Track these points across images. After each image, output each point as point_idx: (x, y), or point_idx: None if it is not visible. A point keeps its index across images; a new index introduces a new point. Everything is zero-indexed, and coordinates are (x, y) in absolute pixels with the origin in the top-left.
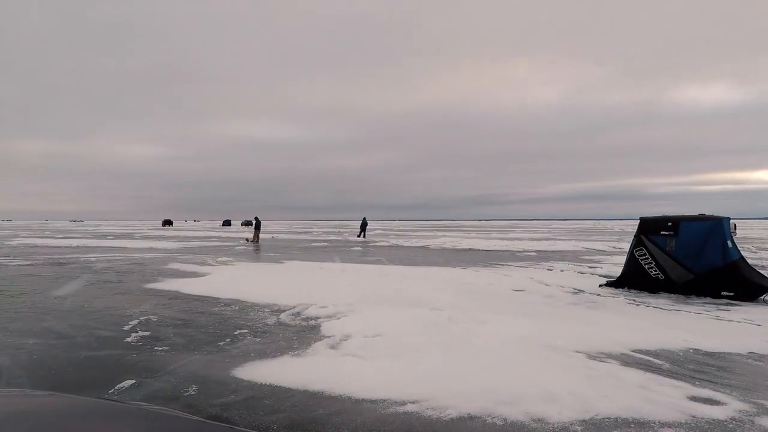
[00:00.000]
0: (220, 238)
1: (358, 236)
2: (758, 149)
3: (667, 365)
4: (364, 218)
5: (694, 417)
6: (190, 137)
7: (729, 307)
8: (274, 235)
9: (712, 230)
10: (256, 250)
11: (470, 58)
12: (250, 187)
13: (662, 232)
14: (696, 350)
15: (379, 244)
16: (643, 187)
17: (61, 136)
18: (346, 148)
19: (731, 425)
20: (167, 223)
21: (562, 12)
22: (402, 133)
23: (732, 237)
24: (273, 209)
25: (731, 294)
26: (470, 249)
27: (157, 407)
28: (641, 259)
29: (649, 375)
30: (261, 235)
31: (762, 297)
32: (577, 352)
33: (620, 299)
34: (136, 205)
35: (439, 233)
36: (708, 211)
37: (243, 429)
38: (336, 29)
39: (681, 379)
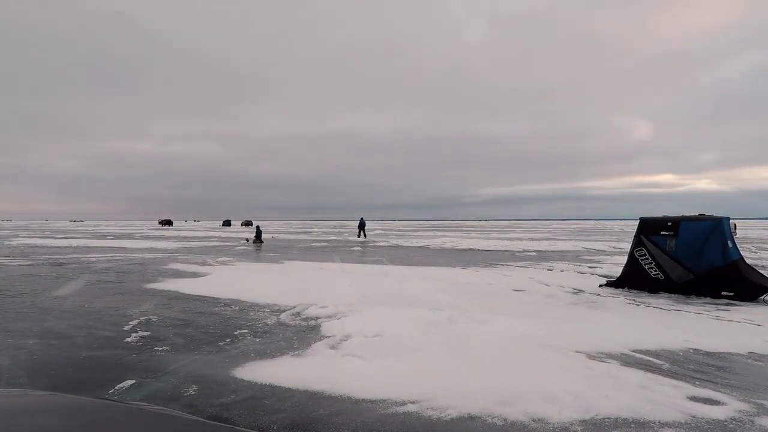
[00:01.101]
0: (220, 238)
1: (358, 236)
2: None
3: (667, 365)
4: (362, 218)
5: (694, 417)
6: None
7: (729, 307)
8: (275, 235)
9: (712, 230)
10: (257, 250)
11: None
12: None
13: (662, 233)
14: (696, 350)
15: (379, 244)
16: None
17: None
18: (250, 159)
19: (731, 425)
20: (167, 223)
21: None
22: (281, 149)
23: (732, 237)
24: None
25: (731, 294)
26: (470, 249)
27: (157, 407)
28: (641, 260)
29: (649, 375)
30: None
31: (762, 297)
32: (577, 352)
33: (620, 299)
34: (123, 205)
35: (439, 233)
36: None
37: (243, 429)
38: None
39: (681, 379)
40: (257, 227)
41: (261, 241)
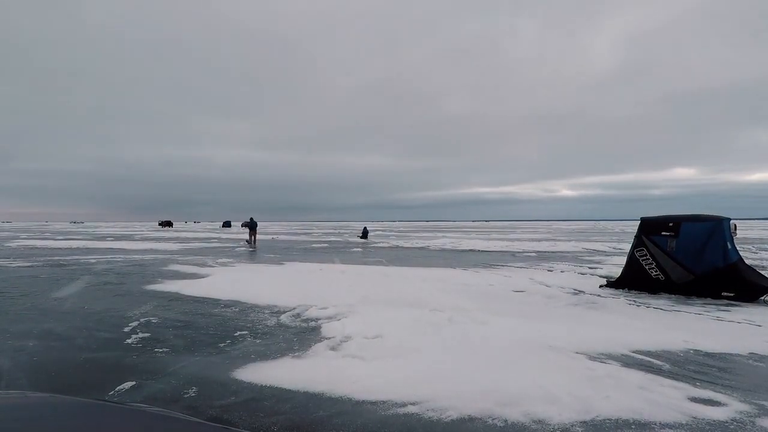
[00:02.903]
0: (220, 240)
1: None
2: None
3: (667, 366)
4: (365, 227)
5: (694, 418)
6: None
7: (729, 307)
8: (274, 237)
9: (713, 231)
10: (252, 250)
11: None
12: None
13: (663, 233)
14: (696, 351)
15: (379, 245)
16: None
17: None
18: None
19: (732, 426)
20: (166, 224)
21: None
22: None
23: (732, 238)
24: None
25: (732, 295)
26: (470, 250)
27: (157, 409)
28: (642, 260)
29: (649, 376)
30: (260, 237)
31: (762, 297)
32: (577, 353)
33: (620, 300)
34: (126, 205)
35: (440, 234)
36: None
37: (243, 431)
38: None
39: (681, 380)
40: (251, 218)
41: (254, 233)
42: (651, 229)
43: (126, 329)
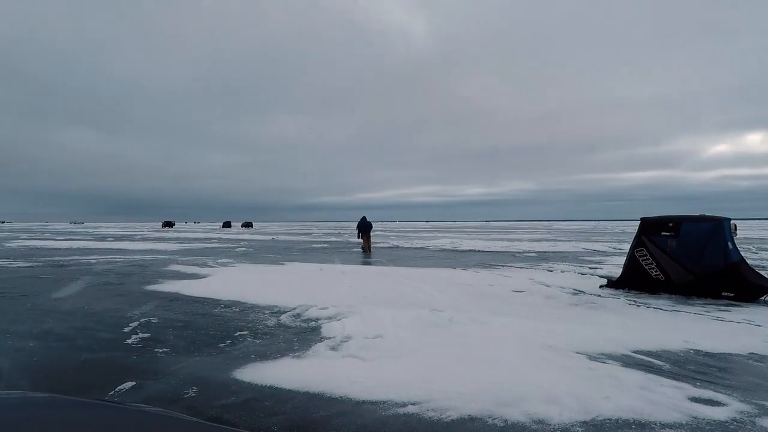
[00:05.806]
0: (220, 240)
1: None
2: None
3: (667, 366)
4: (363, 220)
5: (695, 418)
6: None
7: (730, 307)
8: (275, 237)
9: (714, 231)
10: (246, 251)
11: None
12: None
13: (663, 233)
14: (697, 351)
15: (379, 245)
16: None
17: None
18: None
19: (732, 426)
20: (168, 224)
21: None
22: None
23: (732, 238)
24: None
25: (732, 295)
26: (470, 250)
27: (157, 409)
28: (642, 260)
29: (649, 376)
30: (260, 237)
31: (763, 298)
32: (577, 353)
33: (621, 300)
34: (126, 205)
35: (440, 234)
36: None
37: (243, 431)
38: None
39: (682, 380)
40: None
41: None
42: (651, 230)
43: (126, 329)
